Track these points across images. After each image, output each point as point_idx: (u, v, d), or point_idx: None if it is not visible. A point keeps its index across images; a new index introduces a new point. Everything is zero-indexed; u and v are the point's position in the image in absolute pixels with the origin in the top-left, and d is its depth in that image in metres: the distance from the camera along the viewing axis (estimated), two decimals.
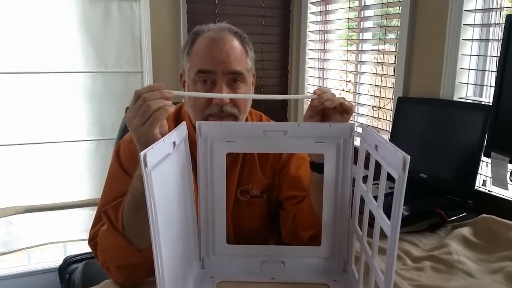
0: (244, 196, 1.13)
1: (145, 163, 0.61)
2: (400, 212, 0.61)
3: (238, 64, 1.03)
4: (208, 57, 1.02)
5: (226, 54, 1.02)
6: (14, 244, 2.25)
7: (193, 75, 1.03)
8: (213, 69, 1.01)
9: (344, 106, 0.92)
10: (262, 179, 1.15)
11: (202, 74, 1.02)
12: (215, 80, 1.01)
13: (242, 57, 1.05)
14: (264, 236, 1.20)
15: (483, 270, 1.04)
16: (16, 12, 2.05)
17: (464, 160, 1.44)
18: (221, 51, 1.02)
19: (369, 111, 2.16)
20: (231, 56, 1.02)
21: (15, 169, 2.17)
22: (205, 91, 1.02)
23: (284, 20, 2.64)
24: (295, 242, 1.09)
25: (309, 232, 1.05)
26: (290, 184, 1.14)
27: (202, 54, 1.03)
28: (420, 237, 1.22)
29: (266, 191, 1.16)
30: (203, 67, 1.02)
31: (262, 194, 1.15)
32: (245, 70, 1.05)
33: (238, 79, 1.04)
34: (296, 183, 1.13)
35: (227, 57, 1.01)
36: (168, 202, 0.74)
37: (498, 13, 1.53)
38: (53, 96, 2.18)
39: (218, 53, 1.01)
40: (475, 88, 1.63)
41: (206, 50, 1.03)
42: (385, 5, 1.94)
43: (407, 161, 0.59)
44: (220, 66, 1.01)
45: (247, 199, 1.14)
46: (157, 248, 0.65)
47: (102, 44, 2.22)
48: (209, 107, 1.01)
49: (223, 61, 1.01)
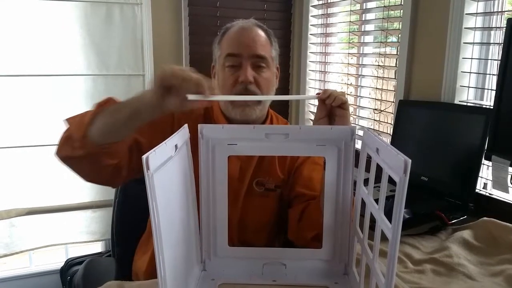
0: (259, 187, 1.18)
1: (147, 166, 0.62)
2: (401, 215, 0.61)
3: (262, 49, 1.13)
4: (235, 43, 1.13)
5: (252, 40, 1.13)
6: (16, 246, 2.26)
7: (222, 60, 1.14)
8: (240, 52, 1.11)
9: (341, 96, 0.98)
10: (278, 175, 1.20)
11: (230, 57, 1.13)
12: (241, 63, 1.11)
13: (266, 44, 1.16)
14: (270, 232, 1.23)
15: (484, 273, 1.04)
16: (18, 16, 2.05)
17: (465, 163, 1.44)
18: (248, 37, 1.13)
19: (370, 114, 2.16)
20: (256, 42, 1.13)
21: (17, 171, 2.17)
22: (232, 74, 1.12)
23: (286, 23, 2.64)
24: (299, 241, 1.15)
25: (313, 232, 1.08)
26: (302, 183, 1.19)
27: (231, 41, 1.15)
28: (421, 240, 1.22)
29: (280, 187, 1.20)
30: (231, 50, 1.13)
31: (276, 189, 1.19)
32: (269, 57, 1.15)
33: (262, 63, 1.13)
34: (307, 183, 1.18)
35: (253, 42, 1.13)
36: (170, 204, 0.74)
37: (499, 16, 1.53)
38: (55, 99, 2.18)
39: (245, 38, 1.13)
40: (476, 92, 1.63)
41: (234, 37, 1.15)
42: (386, 9, 1.94)
43: (408, 165, 0.59)
44: (246, 49, 1.11)
45: (261, 191, 1.18)
46: (159, 250, 0.65)
47: (104, 47, 2.22)
48: (235, 87, 1.11)
49: (249, 45, 1.12)
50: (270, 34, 1.19)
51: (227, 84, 1.12)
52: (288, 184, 1.21)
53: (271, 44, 1.18)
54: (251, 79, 1.10)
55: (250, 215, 1.17)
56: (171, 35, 2.36)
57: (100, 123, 0.98)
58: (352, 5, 2.19)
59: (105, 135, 0.98)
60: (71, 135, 1.02)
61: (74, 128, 1.02)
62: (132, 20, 2.25)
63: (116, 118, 0.96)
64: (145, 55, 2.30)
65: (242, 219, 1.16)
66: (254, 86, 1.11)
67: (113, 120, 0.97)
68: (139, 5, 2.25)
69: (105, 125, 0.97)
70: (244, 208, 1.16)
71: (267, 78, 1.14)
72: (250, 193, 1.18)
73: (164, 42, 2.35)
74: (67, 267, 2.07)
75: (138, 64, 2.30)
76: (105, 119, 0.98)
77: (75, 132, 1.01)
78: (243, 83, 1.10)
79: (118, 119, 0.96)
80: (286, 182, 1.21)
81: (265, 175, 1.19)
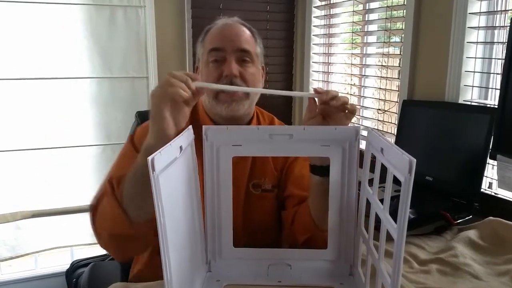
0: (256, 189, 1.16)
1: (152, 167, 0.62)
2: (407, 215, 0.61)
3: (246, 43, 1.10)
4: (219, 37, 1.11)
5: (235, 34, 1.10)
6: (21, 249, 2.27)
7: (206, 56, 1.11)
8: (223, 46, 1.08)
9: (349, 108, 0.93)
10: (274, 173, 1.17)
11: (214, 52, 1.09)
12: (225, 57, 1.08)
13: (250, 40, 1.13)
14: (275, 232, 1.21)
15: (490, 273, 1.04)
16: (23, 19, 2.07)
17: (470, 163, 1.44)
18: (231, 32, 1.11)
19: (374, 114, 2.16)
20: (240, 36, 1.10)
21: (23, 174, 2.19)
22: (216, 69, 1.08)
23: (289, 24, 2.65)
24: (292, 244, 1.12)
25: (304, 235, 1.06)
26: (293, 182, 1.16)
27: (214, 36, 1.12)
28: (426, 240, 1.22)
29: (277, 186, 1.18)
30: (215, 45, 1.09)
31: (273, 189, 1.17)
32: (254, 52, 1.12)
33: (247, 58, 1.10)
34: (299, 182, 1.15)
35: (236, 36, 1.10)
36: (175, 206, 0.74)
37: (503, 15, 1.53)
38: (60, 102, 2.20)
39: (228, 33, 1.11)
40: (480, 91, 1.63)
41: (217, 32, 1.12)
42: (389, 9, 1.94)
43: (413, 165, 0.59)
44: (229, 43, 1.08)
45: (259, 193, 1.16)
46: (165, 251, 0.65)
47: (108, 49, 2.24)
48: (220, 81, 1.07)
49: (232, 39, 1.09)
50: (254, 32, 1.16)
51: (211, 79, 1.08)
52: (281, 182, 1.19)
53: (255, 41, 1.15)
54: (236, 72, 1.07)
55: (252, 219, 1.14)
56: (175, 38, 2.37)
57: (130, 198, 0.92)
58: (355, 6, 2.19)
59: (142, 205, 0.91)
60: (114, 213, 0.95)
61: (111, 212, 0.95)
62: (136, 23, 2.26)
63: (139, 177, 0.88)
64: (148, 58, 2.31)
65: (246, 223, 1.13)
66: (239, 80, 1.07)
67: (138, 182, 0.88)
68: (142, 7, 2.26)
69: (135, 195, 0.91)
70: (245, 213, 1.13)
71: (253, 73, 1.11)
72: (248, 197, 1.15)
73: (167, 45, 2.36)
74: (73, 269, 2.08)
75: (142, 66, 2.32)
76: (131, 190, 0.91)
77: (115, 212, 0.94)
78: (228, 77, 1.06)
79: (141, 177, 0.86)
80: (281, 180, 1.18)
81: (261, 176, 1.16)
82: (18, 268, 2.49)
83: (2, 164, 2.15)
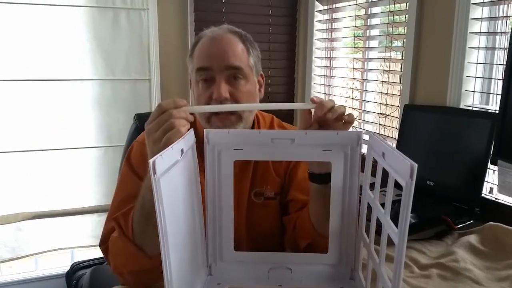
0: (258, 198, 1.13)
1: (154, 170, 0.62)
2: (408, 219, 0.61)
3: (235, 59, 1.03)
4: (205, 55, 1.04)
5: (222, 50, 1.02)
6: (22, 250, 2.27)
7: (195, 76, 1.05)
8: (210, 65, 1.02)
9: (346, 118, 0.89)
10: (275, 179, 1.14)
11: (202, 72, 1.03)
12: (213, 77, 1.02)
13: (241, 53, 1.05)
14: (278, 237, 1.19)
15: (490, 278, 1.04)
16: (27, 21, 2.08)
17: (471, 168, 1.44)
18: (218, 48, 1.03)
19: (375, 118, 2.16)
20: (228, 52, 1.02)
21: (24, 175, 2.19)
22: (205, 90, 1.03)
23: (291, 28, 2.66)
24: (294, 249, 1.10)
25: (306, 241, 1.05)
26: (296, 186, 1.14)
27: (200, 53, 1.05)
28: (427, 245, 1.22)
29: (279, 192, 1.16)
30: (201, 64, 1.03)
31: (276, 196, 1.15)
32: (246, 66, 1.05)
33: (238, 75, 1.03)
34: (302, 185, 1.12)
35: (223, 53, 1.02)
36: (176, 209, 0.75)
37: (504, 21, 1.53)
38: (62, 103, 2.21)
39: (214, 50, 1.03)
40: (482, 96, 1.63)
41: (203, 48, 1.05)
42: (391, 14, 1.95)
43: (415, 169, 0.59)
44: (216, 62, 1.01)
45: (261, 201, 1.13)
46: (165, 254, 0.66)
47: (110, 52, 2.25)
48: (210, 104, 1.01)
49: (219, 57, 1.02)
50: (246, 39, 1.08)
51: (201, 101, 1.03)
52: (284, 187, 1.16)
53: (248, 52, 1.06)
54: (225, 95, 1.00)
55: (255, 228, 1.12)
56: (177, 40, 2.38)
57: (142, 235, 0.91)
58: (357, 10, 2.20)
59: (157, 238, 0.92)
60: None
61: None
62: (139, 25, 2.27)
63: (147, 212, 0.87)
64: (151, 60, 2.32)
65: (249, 232, 1.12)
66: (230, 102, 1.01)
67: (148, 217, 0.87)
68: (145, 10, 2.27)
69: (147, 230, 0.89)
70: (248, 222, 1.12)
71: (247, 91, 1.04)
72: (250, 206, 1.12)
73: (170, 47, 2.36)
74: (73, 271, 2.07)
75: (145, 69, 2.32)
76: (142, 226, 0.90)
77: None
78: (218, 100, 1.00)
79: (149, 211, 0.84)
80: (283, 185, 1.16)
81: (262, 183, 1.13)
82: (18, 270, 2.50)
83: (4, 165, 2.16)
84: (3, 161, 2.15)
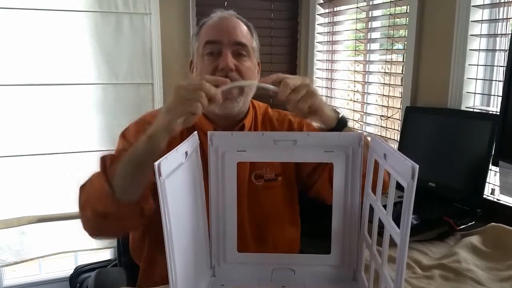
0: (258, 180, 1.15)
1: (159, 172, 0.63)
2: (410, 220, 0.62)
3: (243, 36, 1.09)
4: (215, 29, 1.09)
5: (232, 27, 1.09)
6: (26, 254, 2.28)
7: (201, 50, 1.09)
8: (220, 39, 1.07)
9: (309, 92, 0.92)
10: (275, 163, 1.16)
11: (209, 45, 1.07)
12: (221, 50, 1.06)
13: (247, 34, 1.11)
14: (282, 223, 1.19)
15: (492, 278, 1.04)
16: (30, 26, 2.09)
17: (472, 169, 1.45)
18: (227, 24, 1.09)
19: (377, 120, 2.17)
20: (237, 29, 1.09)
21: (28, 179, 2.20)
22: (211, 62, 1.06)
23: (292, 31, 2.67)
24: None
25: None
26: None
27: (210, 28, 1.10)
28: (429, 246, 1.22)
29: (281, 173, 1.17)
30: (210, 37, 1.08)
31: (277, 177, 1.16)
32: (250, 46, 1.11)
33: (243, 51, 1.08)
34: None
35: (233, 29, 1.08)
36: (181, 210, 0.75)
37: (505, 23, 1.54)
38: (66, 107, 2.22)
39: (224, 25, 1.09)
40: (483, 98, 1.64)
41: (213, 24, 1.11)
42: (392, 16, 1.96)
43: (416, 170, 0.60)
44: (226, 36, 1.07)
45: (262, 183, 1.15)
46: (170, 255, 0.66)
47: (113, 56, 2.26)
48: (215, 75, 1.04)
49: (229, 32, 1.07)
50: (250, 27, 1.14)
51: (205, 72, 1.05)
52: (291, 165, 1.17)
53: (251, 35, 1.13)
54: (231, 66, 1.04)
55: (258, 211, 1.13)
56: (180, 44, 2.39)
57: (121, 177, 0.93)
58: (359, 13, 2.21)
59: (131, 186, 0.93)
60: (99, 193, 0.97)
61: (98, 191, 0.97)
62: (141, 30, 2.28)
63: (135, 159, 0.91)
64: (154, 64, 2.33)
65: (252, 216, 1.13)
66: (235, 74, 1.04)
67: (133, 164, 0.91)
68: (148, 14, 2.28)
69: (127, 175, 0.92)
70: (250, 205, 1.13)
71: (249, 67, 1.09)
72: (251, 189, 1.14)
73: (172, 51, 2.37)
74: (77, 274, 2.08)
75: (147, 73, 2.33)
76: (124, 170, 0.92)
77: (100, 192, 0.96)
78: (223, 71, 1.03)
79: (137, 160, 0.90)
80: (286, 165, 1.16)
81: (262, 166, 1.15)
82: (22, 273, 2.50)
83: (8, 169, 2.17)
84: (7, 165, 2.16)
